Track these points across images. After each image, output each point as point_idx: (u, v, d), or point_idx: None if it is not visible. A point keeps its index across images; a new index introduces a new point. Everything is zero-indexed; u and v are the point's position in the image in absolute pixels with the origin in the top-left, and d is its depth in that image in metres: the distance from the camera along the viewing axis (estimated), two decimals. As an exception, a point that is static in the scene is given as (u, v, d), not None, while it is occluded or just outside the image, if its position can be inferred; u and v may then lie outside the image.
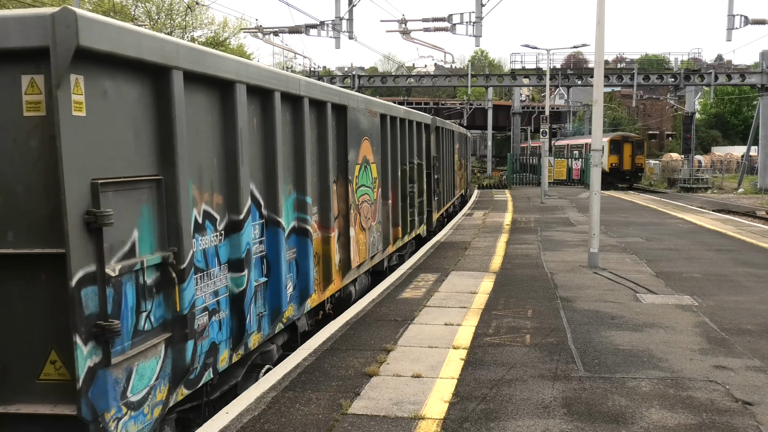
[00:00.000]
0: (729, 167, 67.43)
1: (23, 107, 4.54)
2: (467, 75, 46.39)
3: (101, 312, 4.77)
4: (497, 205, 31.28)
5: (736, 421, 6.06)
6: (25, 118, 4.55)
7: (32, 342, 4.72)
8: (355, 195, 11.09)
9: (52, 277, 4.63)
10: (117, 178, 4.97)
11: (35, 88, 4.54)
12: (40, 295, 4.68)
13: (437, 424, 5.98)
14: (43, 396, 4.72)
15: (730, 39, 35.97)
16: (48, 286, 4.66)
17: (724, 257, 15.25)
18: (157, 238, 5.49)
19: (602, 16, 14.14)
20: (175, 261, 5.59)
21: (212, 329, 6.30)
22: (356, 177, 11.17)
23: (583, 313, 10.06)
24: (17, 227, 4.64)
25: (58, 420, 4.64)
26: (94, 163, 4.75)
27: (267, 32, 35.16)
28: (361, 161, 11.48)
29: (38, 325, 4.71)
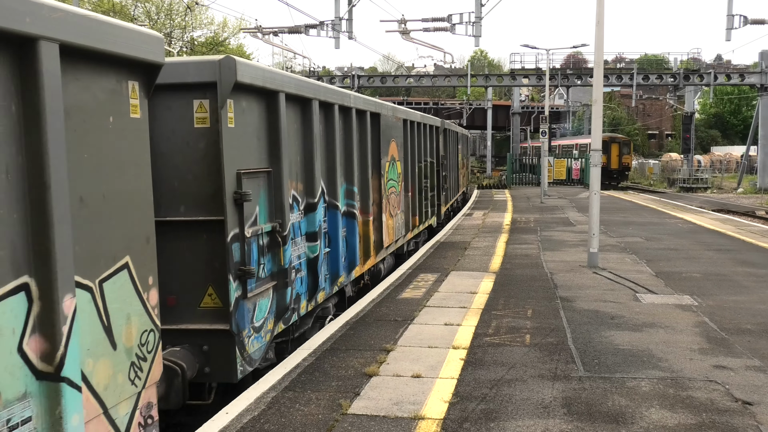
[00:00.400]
0: (728, 167, 67.49)
1: (194, 121, 6.71)
2: (467, 75, 46.40)
3: (242, 260, 6.94)
4: (497, 205, 31.28)
5: (735, 420, 6.06)
6: (195, 128, 6.70)
7: (196, 282, 6.77)
8: (385, 187, 13.26)
9: (211, 237, 6.74)
10: (249, 169, 7.18)
11: (202, 108, 6.71)
12: (201, 250, 6.76)
13: (437, 424, 5.98)
14: (202, 318, 6.78)
15: (729, 39, 36.00)
16: (207, 243, 6.75)
17: (724, 257, 15.26)
18: (269, 212, 7.70)
19: (602, 16, 14.14)
20: (280, 229, 7.79)
21: (297, 283, 8.48)
22: (386, 172, 13.40)
23: (582, 313, 10.06)
24: (187, 203, 6.72)
25: (212, 334, 6.74)
26: (238, 159, 6.95)
27: (266, 32, 35.16)
28: (389, 159, 13.70)
29: (200, 271, 6.76)
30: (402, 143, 15.13)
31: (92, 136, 4.63)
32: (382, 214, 12.89)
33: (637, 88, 49.21)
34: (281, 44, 38.24)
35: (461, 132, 32.66)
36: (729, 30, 35.61)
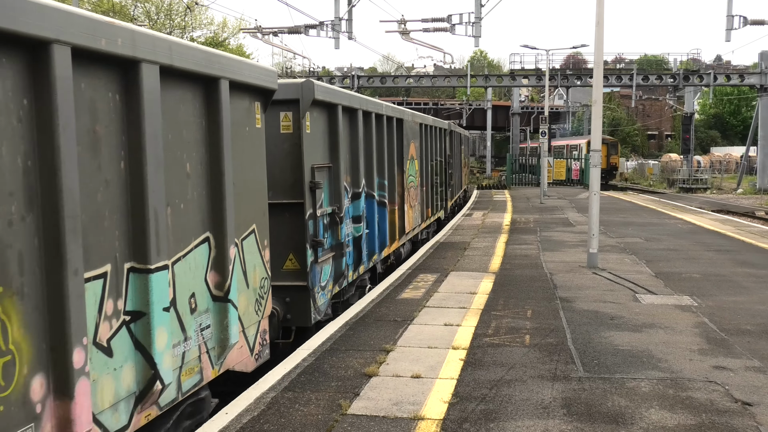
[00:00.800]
0: (728, 168, 67.49)
1: (280, 128, 8.90)
2: (466, 75, 46.41)
3: (314, 234, 9.19)
4: (496, 205, 31.28)
5: (735, 421, 6.06)
6: (281, 134, 8.89)
7: (280, 250, 8.77)
8: (406, 182, 15.71)
9: (292, 215, 8.92)
10: (318, 164, 9.41)
11: (287, 118, 8.92)
12: (285, 225, 8.81)
13: (437, 425, 5.98)
14: (285, 277, 8.90)
15: (729, 39, 36.01)
16: (290, 220, 8.88)
17: (724, 257, 15.26)
18: (330, 198, 9.97)
19: (601, 17, 14.15)
20: (338, 211, 10.11)
21: (347, 256, 10.73)
22: (407, 169, 15.81)
23: (582, 314, 10.06)
24: (275, 189, 8.57)
25: (293, 289, 8.94)
26: (312, 157, 9.20)
27: (266, 32, 35.17)
28: (410, 158, 16.13)
29: (283, 241, 8.82)
30: (419, 144, 17.53)
31: (237, 141, 6.65)
32: (404, 204, 15.48)
33: (636, 89, 49.22)
34: (281, 44, 38.25)
35: (463, 133, 35.00)
36: (729, 30, 35.64)
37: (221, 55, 6.30)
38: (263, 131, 7.40)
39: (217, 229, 6.22)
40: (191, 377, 5.89)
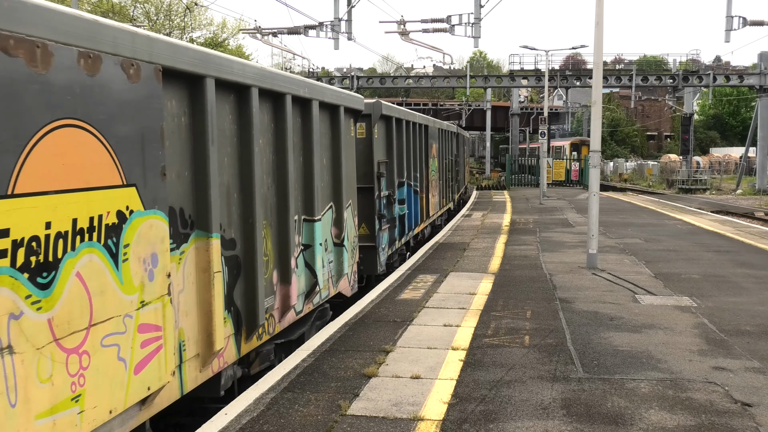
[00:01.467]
0: (727, 168, 67.48)
1: (356, 134, 11.31)
2: (466, 76, 46.40)
3: (379, 209, 12.83)
4: (496, 206, 31.29)
5: (735, 422, 6.06)
6: (356, 138, 11.36)
7: (359, 220, 11.65)
8: (430, 176, 20.05)
9: (365, 196, 12.32)
10: (381, 160, 13.12)
11: (361, 127, 12.40)
12: (362, 203, 11.91)
13: (436, 426, 5.98)
14: (359, 239, 11.66)
15: (728, 40, 36.04)
16: (363, 199, 12.07)
17: (723, 258, 15.26)
18: (387, 185, 13.72)
19: (601, 17, 14.15)
20: (392, 195, 14.03)
21: (396, 228, 14.78)
22: (431, 165, 20.31)
23: (582, 314, 10.06)
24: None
25: (365, 248, 12.43)
26: (378, 155, 13.01)
27: (266, 33, 35.17)
28: (432, 156, 20.66)
29: (362, 215, 12.02)
30: (437, 146, 21.93)
31: (344, 146, 10.14)
32: (428, 194, 19.80)
33: (636, 90, 49.23)
34: (280, 45, 38.26)
35: (465, 134, 39.58)
36: (728, 31, 35.66)
37: (341, 91, 10.41)
38: (354, 139, 11.19)
39: (336, 201, 10.04)
40: (325, 291, 9.60)
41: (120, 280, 4.86)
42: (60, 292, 4.29)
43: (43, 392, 4.13)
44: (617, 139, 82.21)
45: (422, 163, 18.35)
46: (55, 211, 4.25)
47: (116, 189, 4.85)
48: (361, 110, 11.18)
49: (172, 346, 5.48)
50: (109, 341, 4.74)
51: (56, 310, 4.25)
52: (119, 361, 4.84)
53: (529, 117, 76.12)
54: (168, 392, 5.54)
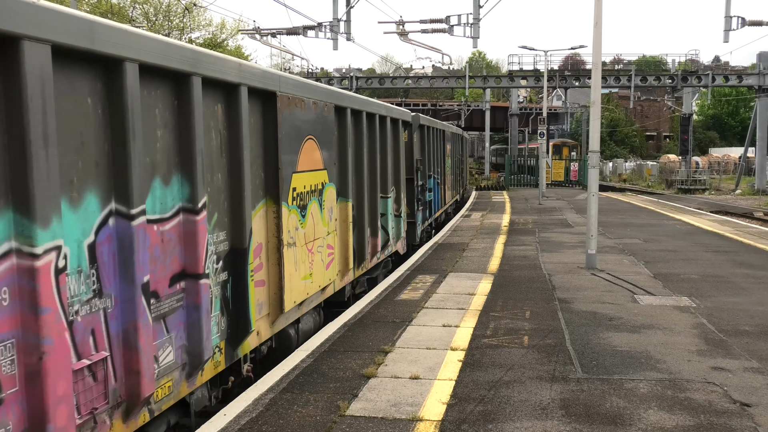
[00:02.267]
0: (726, 168, 67.47)
1: (403, 138, 15.33)
2: (465, 76, 46.36)
3: (417, 194, 17.21)
4: (495, 206, 31.29)
5: (734, 422, 6.06)
6: (403, 141, 15.31)
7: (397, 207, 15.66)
8: (446, 171, 25.35)
9: (409, 185, 16.20)
10: (418, 158, 17.58)
11: (404, 134, 15.69)
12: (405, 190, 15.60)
13: (435, 426, 5.98)
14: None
15: (727, 40, 36.01)
16: (407, 187, 15.93)
17: (722, 258, 15.27)
18: (422, 176, 18.22)
19: (600, 18, 14.15)
20: (425, 184, 18.72)
21: (427, 210, 19.27)
22: (446, 163, 25.41)
23: (581, 315, 10.06)
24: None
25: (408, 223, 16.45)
26: (416, 154, 17.21)
27: (265, 34, 35.15)
28: (447, 155, 25.76)
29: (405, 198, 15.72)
30: (450, 146, 27.05)
31: (400, 147, 14.82)
32: (445, 186, 25.18)
33: (635, 90, 49.21)
34: (279, 45, 38.24)
35: (466, 136, 42.65)
36: (727, 31, 35.64)
37: (401, 109, 15.35)
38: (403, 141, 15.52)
39: (396, 185, 14.54)
40: (391, 247, 14.10)
41: (321, 218, 9.51)
42: (307, 219, 8.85)
43: (302, 267, 8.64)
44: (616, 139, 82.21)
45: (441, 160, 23.74)
46: (306, 179, 8.83)
47: (320, 171, 9.48)
48: (409, 121, 16.26)
49: (336, 260, 10.24)
50: (319, 249, 9.38)
51: (305, 229, 8.77)
52: (321, 261, 9.49)
53: (528, 117, 76.14)
54: (330, 288, 10.16)
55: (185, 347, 5.95)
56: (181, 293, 5.88)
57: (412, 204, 16.74)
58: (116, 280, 5.06)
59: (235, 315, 6.91)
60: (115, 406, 5.02)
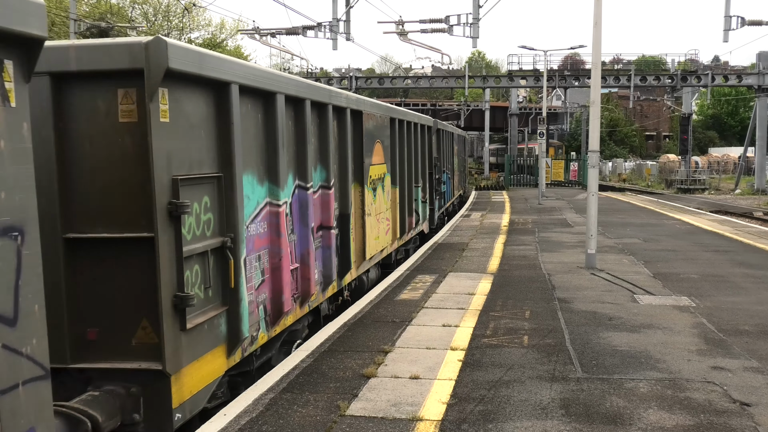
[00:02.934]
0: (726, 168, 67.47)
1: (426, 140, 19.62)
2: (464, 76, 46.35)
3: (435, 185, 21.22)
4: (495, 206, 31.30)
5: (734, 422, 6.06)
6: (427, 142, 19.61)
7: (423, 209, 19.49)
8: (454, 168, 29.14)
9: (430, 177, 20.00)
10: (435, 156, 21.10)
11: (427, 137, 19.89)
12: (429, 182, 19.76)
13: (435, 426, 5.98)
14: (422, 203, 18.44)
15: (726, 40, 35.98)
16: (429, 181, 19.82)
17: (722, 258, 15.27)
18: (438, 171, 21.67)
19: (599, 18, 14.15)
20: (440, 178, 22.32)
21: (441, 198, 23.30)
22: (454, 162, 28.90)
23: (580, 314, 10.06)
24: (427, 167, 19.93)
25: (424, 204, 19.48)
26: (434, 152, 20.70)
27: (264, 34, 35.15)
28: (454, 154, 29.06)
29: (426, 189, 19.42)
30: (457, 147, 30.63)
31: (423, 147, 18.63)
32: (454, 180, 28.86)
33: (634, 90, 49.20)
34: (279, 46, 38.24)
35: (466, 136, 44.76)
36: (726, 31, 35.62)
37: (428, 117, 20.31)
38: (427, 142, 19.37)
39: (423, 177, 18.08)
40: (419, 227, 17.76)
41: (383, 198, 12.94)
42: (376, 198, 12.32)
43: (374, 231, 12.12)
44: (616, 139, 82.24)
45: (451, 159, 27.26)
46: (376, 170, 12.33)
47: (383, 165, 12.98)
48: (431, 126, 20.16)
49: (389, 230, 13.61)
50: (381, 220, 12.70)
51: (375, 204, 12.27)
52: (382, 229, 12.84)
53: (527, 117, 76.13)
54: (386, 250, 13.70)
55: (322, 272, 9.52)
56: (320, 238, 9.43)
57: (432, 193, 20.36)
58: (299, 224, 8.58)
59: (342, 257, 10.47)
60: (298, 296, 8.51)
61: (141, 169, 5.50)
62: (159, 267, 5.50)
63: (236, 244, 6.60)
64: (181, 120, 5.88)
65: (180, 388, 5.77)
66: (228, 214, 6.57)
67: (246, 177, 6.98)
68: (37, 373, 3.99)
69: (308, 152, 8.65)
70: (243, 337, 6.72)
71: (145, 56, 5.34)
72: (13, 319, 3.82)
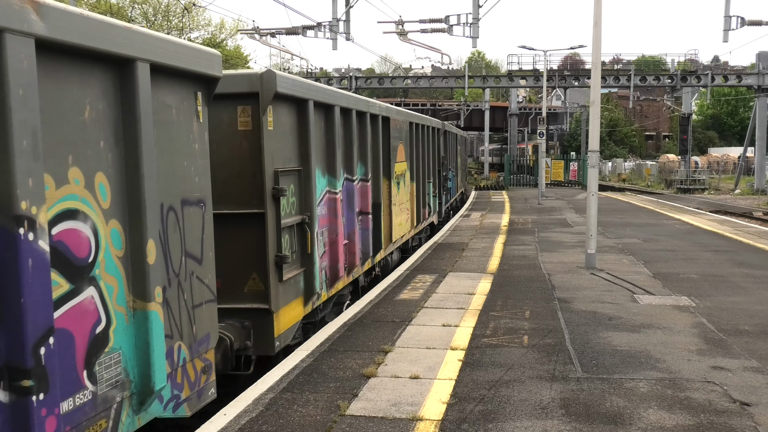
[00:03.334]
0: (726, 168, 67.48)
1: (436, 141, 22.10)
2: (464, 76, 46.35)
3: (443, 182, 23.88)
4: (494, 206, 31.30)
5: (734, 421, 6.06)
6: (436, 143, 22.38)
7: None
8: (458, 167, 32.16)
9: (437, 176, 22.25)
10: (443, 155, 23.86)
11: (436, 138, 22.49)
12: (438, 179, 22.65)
13: (435, 426, 5.98)
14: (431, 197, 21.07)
15: (726, 40, 36.01)
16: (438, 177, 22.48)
17: (721, 258, 15.27)
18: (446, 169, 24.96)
19: (599, 17, 14.16)
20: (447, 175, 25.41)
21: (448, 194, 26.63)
22: (458, 161, 31.98)
23: (580, 314, 10.06)
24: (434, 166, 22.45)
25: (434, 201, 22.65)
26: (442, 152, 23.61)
27: (264, 33, 35.15)
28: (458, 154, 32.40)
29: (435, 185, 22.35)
30: (459, 147, 33.49)
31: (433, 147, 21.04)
32: (457, 178, 31.43)
33: (634, 90, 49.22)
34: (278, 45, 38.23)
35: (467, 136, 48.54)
36: (726, 31, 35.64)
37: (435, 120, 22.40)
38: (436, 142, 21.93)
39: (433, 174, 20.93)
40: (430, 218, 20.50)
41: (405, 191, 15.68)
42: (399, 191, 14.94)
43: (397, 219, 14.73)
44: (616, 139, 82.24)
45: (455, 158, 30.09)
46: (399, 167, 14.89)
47: (404, 162, 15.57)
48: (439, 128, 22.67)
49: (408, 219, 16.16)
50: (404, 210, 15.59)
51: (399, 196, 14.88)
52: (404, 217, 15.57)
53: (527, 117, 76.17)
54: (406, 236, 16.16)
55: (361, 249, 11.63)
56: (361, 221, 11.53)
57: (440, 189, 22.56)
58: (347, 209, 10.65)
59: (375, 238, 12.44)
60: (346, 267, 10.56)
61: (254, 164, 7.58)
62: (267, 234, 7.66)
63: (311, 221, 8.85)
64: (279, 128, 8.03)
65: (278, 323, 7.88)
66: (305, 198, 8.84)
67: (316, 170, 9.15)
68: (210, 297, 6.07)
69: (354, 151, 10.92)
70: (314, 292, 8.96)
71: (260, 83, 7.52)
72: (200, 259, 5.87)
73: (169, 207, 5.35)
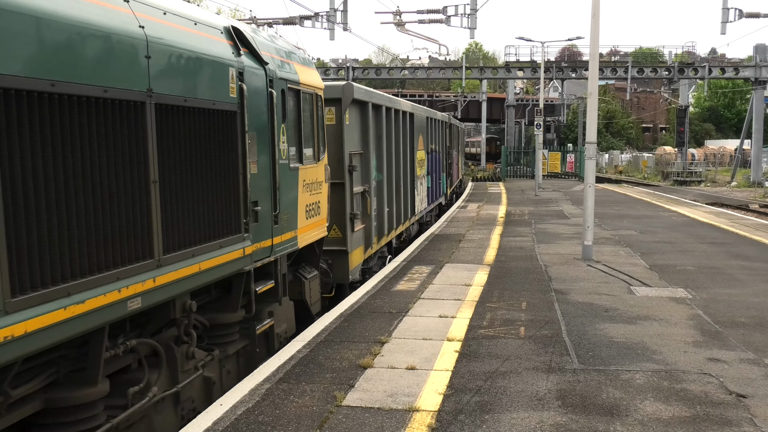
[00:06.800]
0: (722, 160, 67.58)
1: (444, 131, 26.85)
2: (461, 67, 46.26)
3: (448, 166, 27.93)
4: (491, 197, 31.29)
5: (730, 413, 6.07)
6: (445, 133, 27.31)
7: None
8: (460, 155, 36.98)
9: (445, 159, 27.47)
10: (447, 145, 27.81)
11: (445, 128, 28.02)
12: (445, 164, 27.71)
13: (432, 416, 5.97)
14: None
15: (724, 32, 36.06)
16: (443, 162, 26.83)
17: (718, 250, 15.29)
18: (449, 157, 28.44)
19: (597, 9, 14.11)
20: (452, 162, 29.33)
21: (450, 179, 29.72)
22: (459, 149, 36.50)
23: (577, 306, 10.06)
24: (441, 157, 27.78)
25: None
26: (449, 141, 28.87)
27: (261, 23, 34.99)
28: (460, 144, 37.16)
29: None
30: (458, 138, 34.92)
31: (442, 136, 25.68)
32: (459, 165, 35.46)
33: (631, 82, 49.17)
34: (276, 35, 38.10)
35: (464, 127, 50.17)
36: (724, 23, 35.63)
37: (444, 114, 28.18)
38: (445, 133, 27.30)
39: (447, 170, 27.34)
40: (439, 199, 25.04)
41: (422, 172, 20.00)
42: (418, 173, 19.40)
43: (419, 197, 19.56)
44: (613, 131, 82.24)
45: (457, 146, 33.39)
46: (419, 154, 19.32)
47: (422, 151, 19.89)
48: (447, 121, 26.62)
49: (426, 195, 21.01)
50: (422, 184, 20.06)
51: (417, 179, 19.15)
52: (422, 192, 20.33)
53: (524, 108, 75.99)
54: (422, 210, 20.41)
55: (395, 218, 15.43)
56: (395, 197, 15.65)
57: (446, 174, 25.97)
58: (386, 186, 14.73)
59: (405, 210, 16.65)
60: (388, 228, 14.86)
61: (338, 148, 11.27)
62: (346, 197, 11.47)
63: (370, 191, 12.87)
64: (351, 123, 11.81)
65: (351, 261, 11.69)
66: (365, 173, 12.81)
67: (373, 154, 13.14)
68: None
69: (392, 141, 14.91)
70: (370, 244, 12.96)
71: (342, 92, 11.29)
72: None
73: None
